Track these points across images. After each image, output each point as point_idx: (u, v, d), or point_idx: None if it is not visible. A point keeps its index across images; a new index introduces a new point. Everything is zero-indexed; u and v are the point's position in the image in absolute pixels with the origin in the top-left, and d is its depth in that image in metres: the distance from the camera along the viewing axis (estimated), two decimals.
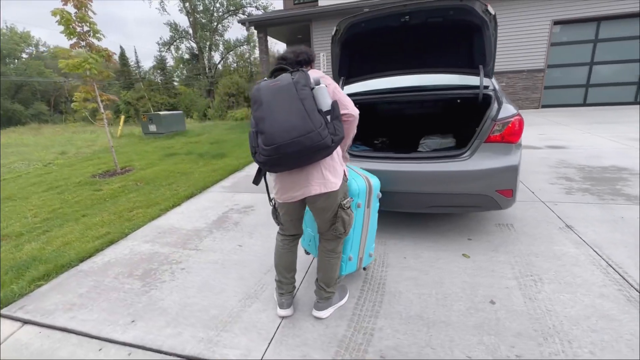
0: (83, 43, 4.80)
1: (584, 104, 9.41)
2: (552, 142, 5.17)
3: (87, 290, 2.15)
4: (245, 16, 31.85)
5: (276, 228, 1.79)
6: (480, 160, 2.11)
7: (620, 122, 6.55)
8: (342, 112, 1.45)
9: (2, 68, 33.42)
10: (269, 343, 1.60)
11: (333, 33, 2.48)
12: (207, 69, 34.52)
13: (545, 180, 3.48)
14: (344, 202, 1.55)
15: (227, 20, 34.29)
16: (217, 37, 34.46)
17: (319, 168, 1.44)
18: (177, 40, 34.28)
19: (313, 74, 1.44)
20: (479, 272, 2.02)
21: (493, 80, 2.47)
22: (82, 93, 4.89)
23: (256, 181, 1.55)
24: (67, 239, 2.93)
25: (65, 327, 1.83)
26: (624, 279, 1.85)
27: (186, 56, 35.37)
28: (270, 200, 1.62)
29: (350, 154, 2.46)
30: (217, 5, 32.74)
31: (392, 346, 1.52)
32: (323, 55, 10.98)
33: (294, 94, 1.28)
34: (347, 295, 1.88)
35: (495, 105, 2.13)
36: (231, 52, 36.29)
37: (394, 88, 2.65)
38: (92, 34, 4.84)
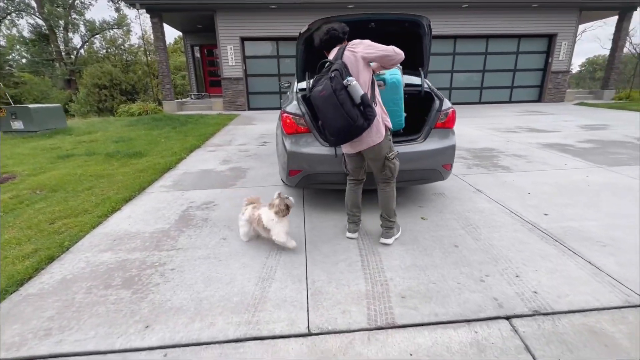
0: None
1: None
2: None
3: (58, 312, 1.81)
4: None
5: None
6: (431, 142, 2.71)
7: (476, 116, 8.75)
8: (390, 59, 1.99)
9: None
10: (307, 309, 1.77)
11: (303, 31, 2.67)
12: (63, 53, 28.06)
13: None
14: (389, 154, 2.13)
15: None
16: (75, 16, 28.37)
17: (370, 131, 2.02)
18: (14, 14, 26.67)
19: (354, 47, 1.99)
20: (438, 227, 2.63)
21: (427, 80, 3.14)
22: None
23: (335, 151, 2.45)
24: None
25: (56, 354, 1.55)
26: (522, 219, 2.74)
27: (27, 34, 27.85)
28: (335, 154, 2.41)
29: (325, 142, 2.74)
30: None
31: (407, 288, 1.91)
32: (230, 48, 10.63)
33: (335, 102, 1.85)
34: (401, 230, 2.50)
35: (437, 100, 2.77)
36: (98, 36, 30.53)
37: None
38: None
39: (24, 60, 29.70)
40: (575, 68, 45.37)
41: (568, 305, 1.74)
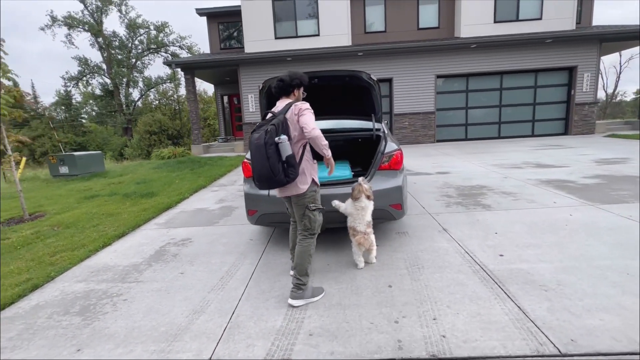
0: None
1: (466, 138, 11.83)
2: (441, 169, 6.53)
3: (18, 333, 2.12)
4: (168, 54, 31.54)
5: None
6: (376, 183, 2.83)
7: (486, 152, 8.53)
8: (304, 132, 2.10)
9: None
10: (218, 342, 1.90)
11: (260, 88, 3.07)
12: (124, 105, 32.31)
13: (433, 198, 4.50)
14: (311, 205, 2.23)
15: (147, 58, 33.21)
16: (135, 74, 32.94)
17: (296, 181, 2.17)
18: (88, 75, 31.62)
19: (295, 108, 2.15)
20: (382, 267, 2.65)
21: (383, 124, 3.33)
22: None
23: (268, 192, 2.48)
24: None
25: None
26: (473, 259, 2.68)
27: (98, 92, 32.69)
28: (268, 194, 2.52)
29: None
30: (136, 42, 31.74)
31: (318, 326, 1.98)
32: (251, 97, 11.68)
33: (264, 153, 2.01)
34: (322, 295, 2.30)
35: (383, 143, 2.93)
36: (152, 90, 34.91)
37: None
38: (1, 74, 4.61)
39: (93, 113, 34.66)
40: (629, 95, 41.68)
41: (469, 352, 1.69)
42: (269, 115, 2.18)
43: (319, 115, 3.38)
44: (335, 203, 2.66)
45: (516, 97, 11.51)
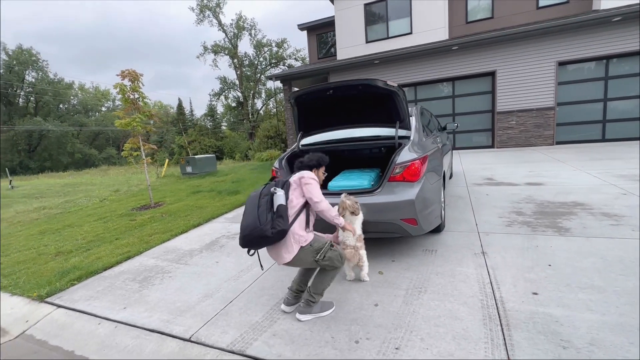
0: (134, 106, 6.27)
1: (603, 139, 9.17)
2: (535, 179, 5.36)
3: (103, 289, 3.00)
4: (285, 67, 35.50)
5: None
6: (385, 195, 2.69)
7: (622, 158, 6.44)
8: (312, 203, 2.08)
9: (85, 120, 40.28)
10: (205, 323, 2.26)
11: (292, 102, 3.33)
12: (250, 114, 38.08)
13: (496, 214, 3.81)
14: (317, 257, 2.05)
15: (269, 72, 38.23)
16: (260, 87, 38.36)
17: (281, 248, 2.04)
18: (226, 91, 38.58)
19: (298, 174, 2.16)
20: (382, 284, 2.52)
21: (412, 130, 3.09)
22: (129, 144, 6.28)
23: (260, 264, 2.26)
24: (99, 255, 3.90)
25: (82, 310, 2.66)
26: (493, 292, 2.24)
27: (233, 104, 39.57)
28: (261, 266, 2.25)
29: None
30: (261, 59, 36.91)
31: (285, 329, 2.09)
32: None
33: (255, 202, 2.02)
34: (331, 310, 2.23)
35: (398, 152, 2.75)
36: (271, 99, 39.95)
37: (336, 139, 3.40)
38: (140, 100, 6.32)
39: (230, 121, 42.27)
40: None
41: None
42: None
43: (340, 126, 3.42)
44: None
45: None
